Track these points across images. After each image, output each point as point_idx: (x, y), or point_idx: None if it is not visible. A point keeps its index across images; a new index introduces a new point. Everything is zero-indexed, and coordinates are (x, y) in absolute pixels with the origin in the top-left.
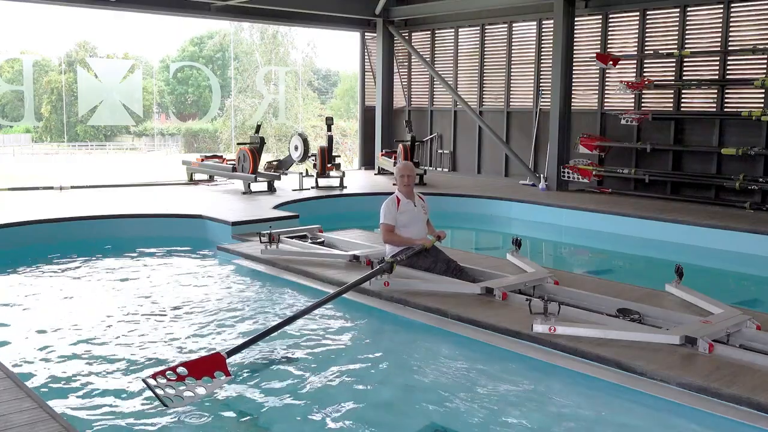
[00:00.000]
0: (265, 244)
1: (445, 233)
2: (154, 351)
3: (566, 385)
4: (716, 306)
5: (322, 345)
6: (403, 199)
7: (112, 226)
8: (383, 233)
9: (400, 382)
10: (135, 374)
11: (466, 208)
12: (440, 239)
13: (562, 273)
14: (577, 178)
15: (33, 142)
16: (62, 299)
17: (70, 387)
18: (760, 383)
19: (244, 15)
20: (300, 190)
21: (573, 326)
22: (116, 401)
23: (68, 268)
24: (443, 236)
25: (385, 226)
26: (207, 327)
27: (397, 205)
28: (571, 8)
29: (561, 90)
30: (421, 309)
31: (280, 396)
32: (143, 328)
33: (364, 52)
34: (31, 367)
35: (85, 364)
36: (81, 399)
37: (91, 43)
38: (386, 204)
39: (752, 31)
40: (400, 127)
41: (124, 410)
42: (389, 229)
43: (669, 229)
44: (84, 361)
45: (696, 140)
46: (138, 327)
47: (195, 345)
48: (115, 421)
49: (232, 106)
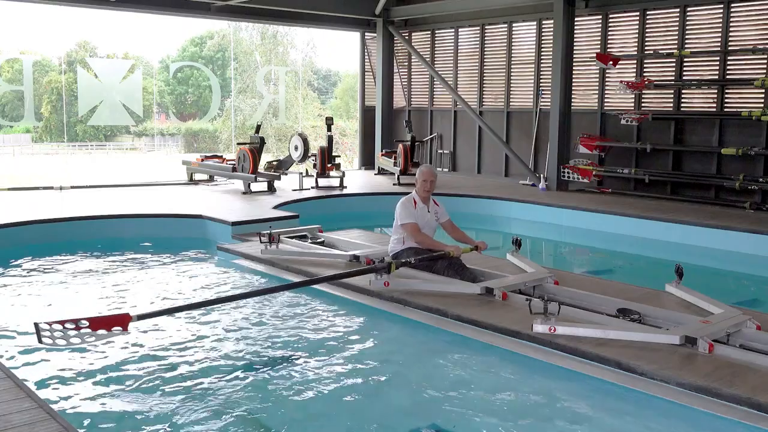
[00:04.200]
0: (265, 244)
1: (486, 244)
2: (153, 350)
3: (566, 385)
4: (716, 306)
5: (322, 345)
6: (420, 203)
7: (112, 226)
8: (412, 233)
9: (400, 381)
10: (135, 374)
11: (466, 208)
12: (478, 250)
13: (562, 273)
14: (577, 178)
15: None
16: (62, 299)
17: (70, 387)
18: (760, 383)
19: (244, 15)
20: (300, 190)
21: (573, 326)
22: (116, 401)
23: (68, 268)
24: (483, 247)
25: (411, 225)
26: (207, 327)
27: (414, 206)
28: (571, 8)
29: (561, 90)
30: (421, 309)
31: (280, 396)
32: (143, 328)
33: (364, 52)
34: (31, 367)
35: (85, 364)
36: (81, 399)
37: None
38: (403, 204)
39: (752, 31)
40: (400, 127)
41: (125, 410)
42: (416, 228)
43: (669, 229)
44: (84, 361)
45: (696, 140)
46: (138, 327)
47: (195, 344)
48: (116, 420)
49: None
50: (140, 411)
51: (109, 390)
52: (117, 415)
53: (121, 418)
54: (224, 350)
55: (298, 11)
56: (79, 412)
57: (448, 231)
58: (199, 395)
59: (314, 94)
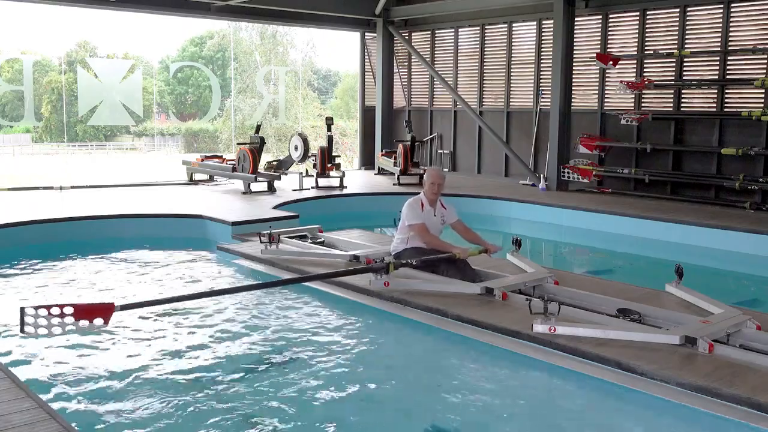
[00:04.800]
0: (265, 244)
1: (498, 247)
2: (153, 350)
3: (566, 385)
4: (716, 306)
5: (322, 345)
6: (427, 205)
7: (112, 226)
8: (421, 234)
9: (399, 381)
10: (135, 374)
11: (466, 208)
12: (488, 253)
13: (562, 273)
14: (577, 178)
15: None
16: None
17: (70, 387)
18: (760, 383)
19: (244, 15)
20: (300, 190)
21: (573, 326)
22: (117, 401)
23: (68, 268)
24: (493, 250)
25: (419, 226)
26: (206, 327)
27: (421, 208)
28: (571, 8)
29: (561, 90)
30: (421, 309)
31: (279, 395)
32: (143, 328)
33: (364, 52)
34: (31, 367)
35: (85, 363)
36: (81, 399)
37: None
38: (411, 205)
39: (752, 31)
40: (400, 127)
41: (125, 410)
42: (424, 228)
43: (669, 229)
44: (84, 360)
45: (696, 140)
46: (138, 327)
47: (195, 344)
48: (116, 420)
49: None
50: (140, 411)
51: (109, 390)
52: (117, 415)
53: (121, 418)
54: (224, 350)
55: (298, 11)
56: (79, 412)
57: (460, 232)
58: (199, 395)
59: (314, 94)
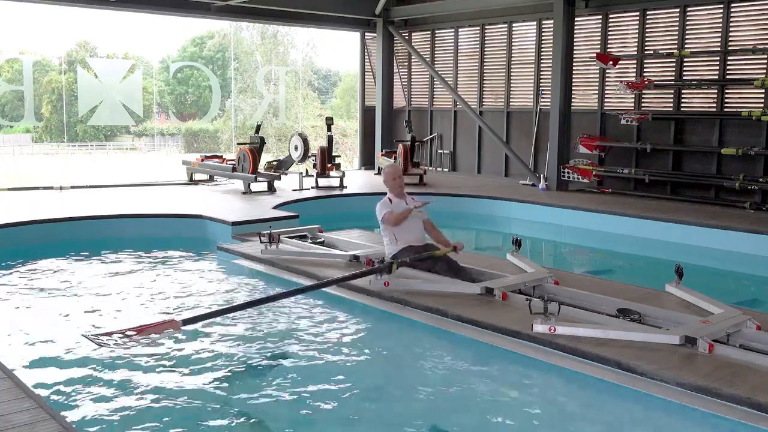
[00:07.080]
0: (265, 244)
1: (463, 245)
2: (153, 350)
3: (566, 385)
4: (716, 306)
5: (322, 345)
6: (395, 199)
7: (112, 226)
8: (391, 219)
9: (400, 382)
10: (135, 372)
11: (466, 208)
12: (456, 250)
13: (562, 273)
14: (577, 178)
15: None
16: (62, 299)
17: (70, 387)
18: (760, 383)
19: (244, 15)
20: (300, 190)
21: (573, 326)
22: (117, 401)
23: (68, 268)
24: (460, 248)
25: (387, 215)
26: (205, 327)
27: (389, 202)
28: (571, 8)
29: (561, 90)
30: (421, 309)
31: (280, 396)
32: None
33: (364, 52)
34: (31, 367)
35: (86, 363)
36: (81, 399)
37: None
38: (380, 203)
39: (752, 31)
40: (400, 127)
41: (125, 410)
42: (392, 213)
43: (669, 229)
44: (84, 360)
45: (696, 140)
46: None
47: (194, 344)
48: (116, 420)
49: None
50: (140, 411)
51: (109, 390)
52: (117, 415)
53: (120, 418)
54: (223, 350)
55: (298, 11)
56: (79, 412)
57: (427, 230)
58: (199, 395)
59: (314, 94)
